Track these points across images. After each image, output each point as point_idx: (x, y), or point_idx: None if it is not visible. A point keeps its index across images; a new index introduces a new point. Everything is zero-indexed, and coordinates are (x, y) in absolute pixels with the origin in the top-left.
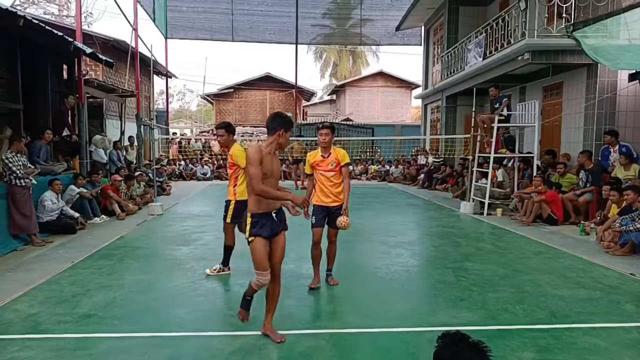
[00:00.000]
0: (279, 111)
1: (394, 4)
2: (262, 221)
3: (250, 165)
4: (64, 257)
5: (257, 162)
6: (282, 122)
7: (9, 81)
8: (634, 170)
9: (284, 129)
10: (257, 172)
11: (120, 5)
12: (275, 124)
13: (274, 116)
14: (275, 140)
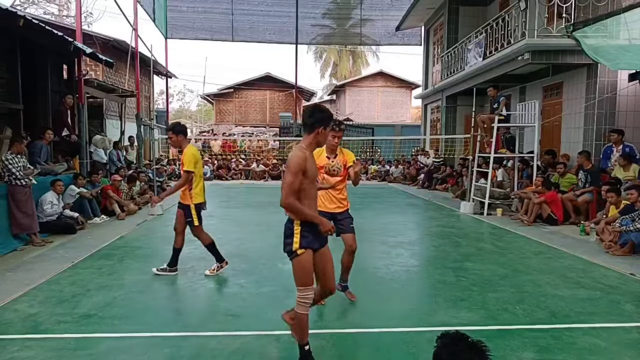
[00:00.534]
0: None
1: (394, 4)
2: (314, 230)
3: (291, 173)
4: (64, 257)
5: (299, 173)
6: (320, 117)
7: (9, 81)
8: (633, 170)
9: (323, 125)
10: (295, 182)
11: (120, 5)
12: (313, 120)
13: (312, 111)
14: (314, 139)
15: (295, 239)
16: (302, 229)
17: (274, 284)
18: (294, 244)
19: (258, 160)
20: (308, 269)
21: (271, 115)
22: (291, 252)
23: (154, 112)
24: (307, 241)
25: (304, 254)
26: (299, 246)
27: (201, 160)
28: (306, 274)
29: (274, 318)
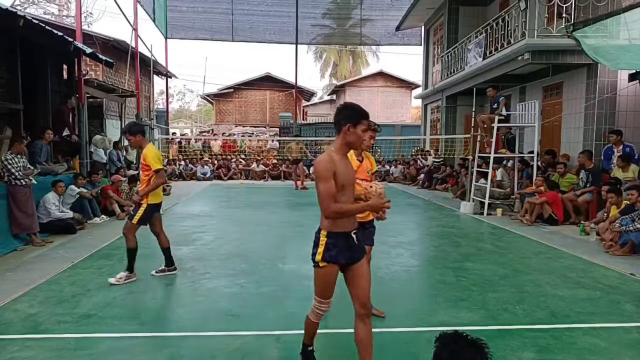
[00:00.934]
0: (347, 102)
1: (394, 4)
2: (340, 243)
3: (320, 181)
4: (64, 257)
5: (329, 177)
6: (347, 114)
7: (9, 81)
8: (632, 171)
9: (350, 123)
10: (328, 189)
11: (120, 5)
12: (339, 118)
13: (339, 109)
14: (343, 140)
15: (320, 250)
16: (328, 240)
17: (274, 284)
18: (317, 255)
19: (258, 160)
20: (328, 282)
21: (271, 115)
22: (314, 261)
23: (154, 112)
24: (330, 255)
25: (325, 267)
26: (322, 258)
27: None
28: (325, 287)
29: (274, 318)
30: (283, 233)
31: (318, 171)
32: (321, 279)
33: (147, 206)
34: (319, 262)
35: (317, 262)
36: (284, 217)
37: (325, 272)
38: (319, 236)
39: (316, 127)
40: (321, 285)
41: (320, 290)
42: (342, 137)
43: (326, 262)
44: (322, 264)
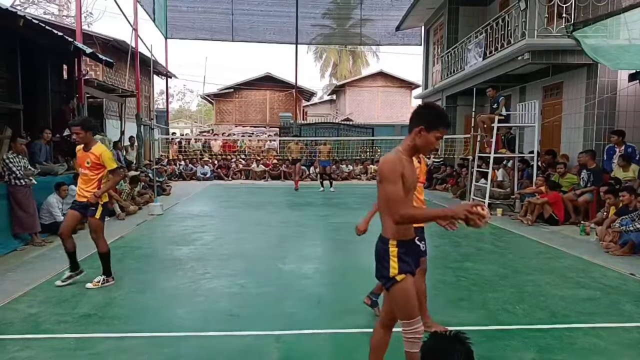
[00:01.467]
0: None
1: (394, 4)
2: (410, 251)
3: (389, 183)
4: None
5: (398, 179)
6: (424, 116)
7: (9, 81)
8: (632, 171)
9: (424, 125)
10: (397, 191)
11: (120, 5)
12: (414, 117)
13: (419, 107)
14: (412, 141)
15: (393, 263)
16: (400, 250)
17: (274, 284)
18: (392, 270)
19: (258, 161)
20: (411, 296)
21: (271, 115)
22: (388, 278)
23: (154, 112)
24: (405, 266)
25: (405, 280)
26: (398, 271)
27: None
28: (411, 303)
29: (274, 318)
30: (283, 233)
31: (385, 172)
32: (403, 295)
33: (104, 204)
34: (395, 277)
35: (393, 278)
36: (284, 217)
37: (406, 285)
38: (387, 247)
39: (316, 127)
40: (405, 302)
41: (406, 309)
42: (411, 138)
43: (404, 274)
44: (400, 277)
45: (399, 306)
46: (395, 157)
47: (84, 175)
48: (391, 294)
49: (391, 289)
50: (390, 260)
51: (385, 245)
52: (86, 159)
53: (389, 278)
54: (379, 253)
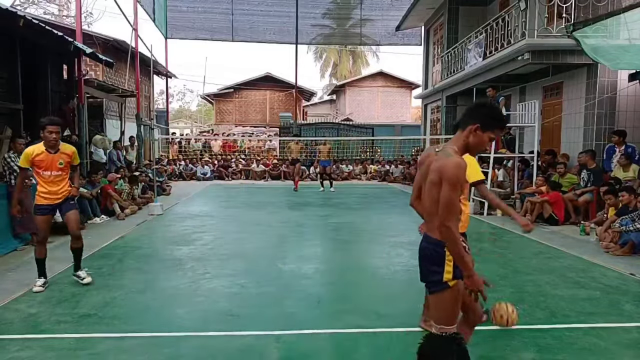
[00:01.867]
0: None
1: (394, 4)
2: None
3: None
4: (64, 257)
5: (461, 184)
6: (481, 114)
7: (9, 81)
8: (633, 171)
9: (479, 124)
10: (456, 200)
11: (120, 5)
12: (470, 115)
13: (475, 105)
14: (465, 140)
15: (448, 268)
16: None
17: (274, 284)
18: (446, 274)
19: (258, 161)
20: (458, 304)
21: (271, 115)
22: (440, 282)
23: (154, 112)
24: (458, 271)
25: (457, 285)
26: (452, 276)
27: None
28: (456, 310)
29: (274, 318)
30: (283, 233)
31: (452, 175)
32: (451, 302)
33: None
34: (448, 282)
35: (445, 283)
36: (284, 217)
37: (457, 292)
38: (442, 250)
39: (316, 127)
40: (452, 308)
41: (449, 317)
42: (465, 136)
43: (456, 280)
44: (453, 283)
45: (444, 311)
46: (463, 162)
47: (57, 176)
48: (439, 298)
49: (440, 293)
50: (446, 264)
51: (439, 249)
52: (58, 159)
53: (440, 283)
54: (430, 256)
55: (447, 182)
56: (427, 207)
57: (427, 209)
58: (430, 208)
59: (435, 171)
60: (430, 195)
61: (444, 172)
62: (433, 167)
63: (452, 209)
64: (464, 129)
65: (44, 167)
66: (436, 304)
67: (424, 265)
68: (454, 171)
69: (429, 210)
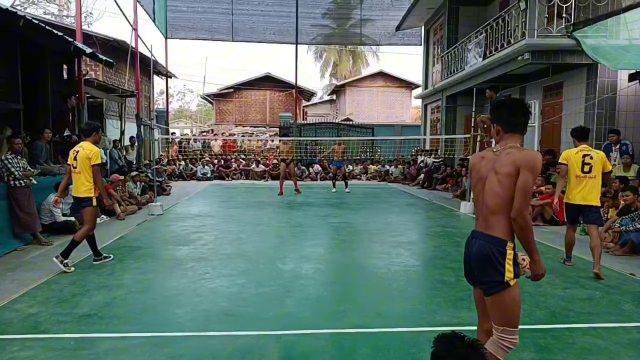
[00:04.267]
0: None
1: (394, 4)
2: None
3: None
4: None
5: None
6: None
7: (9, 81)
8: (633, 170)
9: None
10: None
11: (120, 5)
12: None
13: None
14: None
15: (509, 267)
16: (514, 253)
17: (274, 284)
18: (507, 273)
19: (258, 161)
20: (520, 302)
21: (271, 115)
22: (500, 283)
23: (154, 112)
24: (517, 269)
25: (516, 285)
26: (514, 275)
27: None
28: (519, 311)
29: (274, 318)
30: (283, 233)
31: (537, 166)
32: (515, 301)
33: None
34: (509, 282)
35: (507, 283)
36: (284, 217)
37: (518, 291)
38: (504, 250)
39: (316, 127)
40: (514, 309)
41: (513, 317)
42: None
43: (516, 279)
44: (513, 282)
45: (507, 312)
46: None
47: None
48: (500, 299)
49: (501, 294)
50: (506, 263)
51: (501, 248)
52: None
53: (501, 283)
54: (490, 255)
55: (528, 170)
56: (490, 204)
57: (490, 206)
58: (495, 205)
59: (510, 164)
60: (501, 189)
61: (524, 162)
62: (506, 160)
63: (529, 198)
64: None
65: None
66: (498, 305)
67: (483, 265)
68: (536, 161)
69: (493, 208)
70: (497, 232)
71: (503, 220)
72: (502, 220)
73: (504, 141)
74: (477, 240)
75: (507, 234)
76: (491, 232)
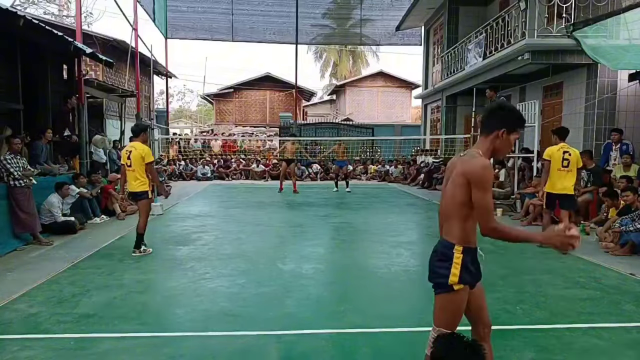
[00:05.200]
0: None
1: (394, 4)
2: (473, 260)
3: (486, 191)
4: (64, 257)
5: (491, 187)
6: (504, 117)
7: (9, 81)
8: (633, 170)
9: (506, 128)
10: (491, 201)
11: (120, 5)
12: (494, 118)
13: (495, 108)
14: (491, 144)
15: (455, 271)
16: (465, 258)
17: (274, 284)
18: (452, 277)
19: (258, 161)
20: (461, 309)
21: (271, 115)
22: (444, 285)
23: (154, 112)
24: (469, 276)
25: (462, 291)
26: (459, 280)
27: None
28: (456, 316)
29: (274, 318)
30: (283, 233)
31: (487, 179)
32: (454, 306)
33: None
34: (453, 286)
35: (450, 286)
36: (284, 217)
37: (461, 297)
38: (451, 253)
39: (316, 127)
40: (453, 313)
41: (450, 321)
42: (491, 141)
43: (462, 285)
44: (458, 287)
45: (444, 315)
46: (488, 162)
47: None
48: (442, 300)
49: (444, 295)
50: (453, 266)
51: (448, 251)
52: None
53: (445, 285)
54: (439, 257)
55: (477, 185)
56: (444, 210)
57: (443, 212)
58: (448, 210)
59: (461, 174)
60: (452, 196)
61: (472, 174)
62: (458, 170)
63: (490, 211)
64: (488, 133)
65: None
66: (439, 306)
67: (432, 265)
68: (482, 172)
69: (446, 212)
70: (448, 237)
71: (454, 225)
72: (453, 225)
73: (477, 143)
74: (437, 244)
75: (457, 238)
76: (445, 236)
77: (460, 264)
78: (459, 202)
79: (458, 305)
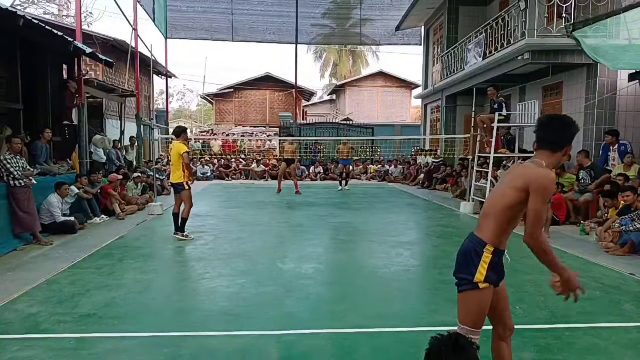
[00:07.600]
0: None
1: (394, 4)
2: (500, 262)
3: (544, 200)
4: (64, 257)
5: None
6: (571, 135)
7: (9, 81)
8: (634, 170)
9: (570, 144)
10: (545, 211)
11: (120, 5)
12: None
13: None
14: (559, 159)
15: (482, 269)
16: (494, 259)
17: (274, 284)
18: (478, 275)
19: (258, 161)
20: (486, 308)
21: (271, 115)
22: (470, 282)
23: (154, 112)
24: (496, 276)
25: (487, 290)
26: (485, 279)
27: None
28: (482, 315)
29: (274, 318)
30: (283, 233)
31: (550, 190)
32: (478, 305)
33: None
34: (479, 284)
35: (476, 284)
36: (284, 217)
37: (486, 295)
38: (481, 251)
39: (316, 127)
40: (478, 311)
41: (474, 319)
42: (559, 157)
43: (488, 284)
44: (484, 286)
45: (469, 313)
46: (553, 175)
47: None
48: (466, 298)
49: (468, 293)
50: (480, 265)
51: (478, 248)
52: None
53: (470, 282)
54: (468, 253)
55: (537, 192)
56: (486, 208)
57: (485, 209)
58: (492, 208)
59: (521, 177)
60: (502, 195)
61: (535, 181)
62: (518, 173)
63: (541, 221)
64: (557, 150)
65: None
66: (463, 303)
67: (461, 260)
68: (547, 183)
69: (489, 210)
70: (481, 234)
71: (490, 224)
72: (490, 223)
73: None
74: (467, 239)
75: (491, 238)
76: (478, 233)
77: (488, 263)
78: (508, 203)
79: (483, 303)
